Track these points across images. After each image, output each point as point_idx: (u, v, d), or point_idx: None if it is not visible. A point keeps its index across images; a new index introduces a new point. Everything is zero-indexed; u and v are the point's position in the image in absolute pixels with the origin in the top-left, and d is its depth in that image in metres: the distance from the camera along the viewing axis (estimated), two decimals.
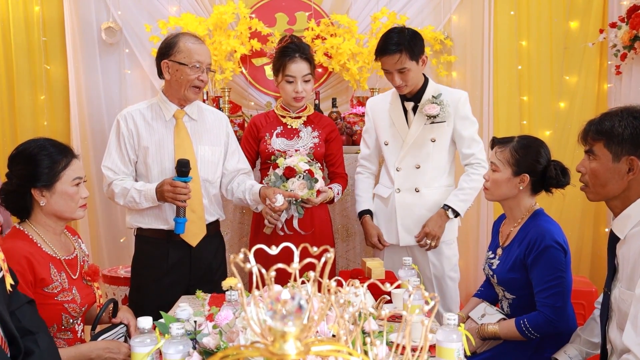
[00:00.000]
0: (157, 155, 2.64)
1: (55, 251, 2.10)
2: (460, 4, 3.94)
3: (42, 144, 2.12)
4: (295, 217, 2.87)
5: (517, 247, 2.30)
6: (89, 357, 2.00)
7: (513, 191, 2.33)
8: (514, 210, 2.38)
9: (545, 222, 2.29)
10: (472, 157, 2.90)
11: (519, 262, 2.27)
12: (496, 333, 2.30)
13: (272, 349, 0.67)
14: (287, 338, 0.67)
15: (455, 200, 2.88)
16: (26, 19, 3.88)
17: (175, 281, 2.65)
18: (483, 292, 2.60)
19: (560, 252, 2.20)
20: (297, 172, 2.79)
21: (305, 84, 2.90)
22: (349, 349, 0.74)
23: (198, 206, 2.66)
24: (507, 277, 2.32)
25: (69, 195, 2.11)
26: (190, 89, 2.63)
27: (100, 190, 3.61)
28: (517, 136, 2.39)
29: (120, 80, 3.96)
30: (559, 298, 2.19)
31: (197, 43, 2.63)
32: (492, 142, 2.44)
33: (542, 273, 2.20)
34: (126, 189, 2.60)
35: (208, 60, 2.64)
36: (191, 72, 2.60)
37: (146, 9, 3.89)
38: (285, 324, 0.67)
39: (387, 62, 2.80)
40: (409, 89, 2.87)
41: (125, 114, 2.71)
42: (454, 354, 1.52)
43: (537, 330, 2.21)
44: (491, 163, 2.38)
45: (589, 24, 3.94)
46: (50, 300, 2.00)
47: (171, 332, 1.49)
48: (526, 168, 2.30)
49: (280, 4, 3.94)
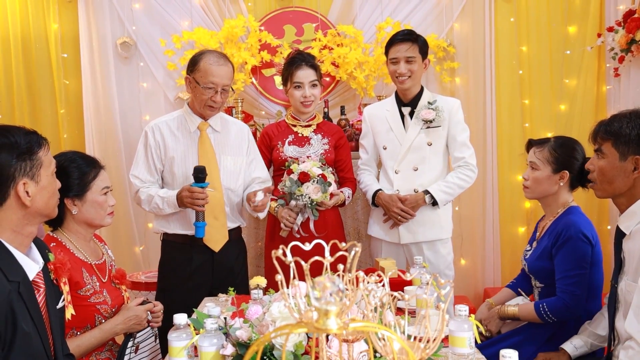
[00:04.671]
0: (182, 165, 2.79)
1: (86, 256, 2.23)
2: (461, 12, 4.05)
3: (72, 157, 2.26)
4: (312, 220, 3.00)
5: (548, 238, 2.44)
6: (114, 332, 2.15)
7: (553, 188, 2.47)
8: (551, 206, 2.52)
9: (576, 215, 2.42)
10: (462, 161, 3.08)
11: (547, 251, 2.41)
12: (515, 314, 2.45)
13: (317, 325, 0.81)
14: (329, 315, 0.80)
15: (437, 189, 3.04)
16: (46, 36, 4.03)
17: (199, 284, 2.78)
18: (515, 283, 2.75)
19: (586, 245, 2.32)
20: (311, 176, 2.92)
21: (312, 89, 3.06)
22: (381, 325, 0.86)
23: (220, 213, 2.79)
24: (536, 265, 2.46)
25: (99, 204, 2.25)
26: (205, 107, 2.77)
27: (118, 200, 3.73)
28: (553, 136, 2.55)
29: (135, 93, 4.08)
30: (579, 287, 2.31)
31: (216, 64, 2.73)
32: (528, 144, 2.58)
33: (565, 261, 2.33)
34: (151, 196, 2.75)
35: (224, 81, 2.74)
36: (204, 92, 2.73)
37: (159, 23, 4.02)
38: (328, 303, 0.80)
39: (398, 50, 3.00)
40: (410, 83, 3.03)
41: (152, 125, 2.85)
42: (466, 342, 1.65)
43: (555, 315, 2.34)
44: (530, 162, 2.52)
45: (587, 29, 4.05)
46: (84, 302, 2.12)
47: (205, 326, 1.62)
48: (564, 165, 2.44)
49: (288, 16, 4.07)
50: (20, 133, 1.65)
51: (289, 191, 2.92)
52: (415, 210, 3.04)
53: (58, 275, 1.78)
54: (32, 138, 1.66)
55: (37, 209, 1.66)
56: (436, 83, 4.09)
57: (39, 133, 1.71)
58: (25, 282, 1.60)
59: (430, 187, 3.03)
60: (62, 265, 1.79)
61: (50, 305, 1.73)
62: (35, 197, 1.64)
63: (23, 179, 1.62)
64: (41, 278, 1.71)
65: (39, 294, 1.68)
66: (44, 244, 1.86)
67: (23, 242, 1.67)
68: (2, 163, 1.59)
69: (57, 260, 1.79)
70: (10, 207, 1.62)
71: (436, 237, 3.09)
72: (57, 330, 1.73)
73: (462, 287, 4.09)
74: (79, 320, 2.09)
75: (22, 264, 1.62)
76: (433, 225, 3.09)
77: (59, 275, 1.78)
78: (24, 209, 1.63)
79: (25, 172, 1.62)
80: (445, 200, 3.06)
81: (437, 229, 3.09)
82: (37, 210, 1.67)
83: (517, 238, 4.15)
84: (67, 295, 1.84)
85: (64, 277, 1.81)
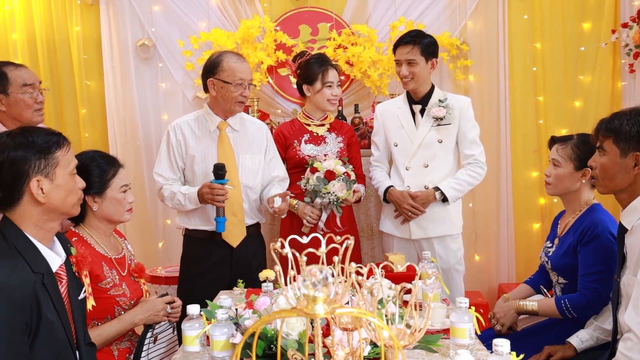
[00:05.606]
0: (203, 163, 2.90)
1: (106, 251, 2.33)
2: (475, 10, 4.08)
3: (92, 156, 2.37)
4: (337, 216, 3.09)
5: (572, 235, 2.46)
6: (133, 322, 2.25)
7: (575, 185, 2.50)
8: (573, 203, 2.54)
9: (601, 214, 2.44)
10: (472, 158, 3.13)
11: (572, 248, 2.43)
12: (534, 310, 2.47)
13: (307, 310, 0.88)
14: (317, 301, 0.88)
15: (447, 185, 3.09)
16: (69, 39, 4.16)
17: (218, 278, 2.88)
18: (532, 279, 2.77)
19: (612, 243, 2.32)
20: (337, 174, 3.01)
21: (338, 88, 3.20)
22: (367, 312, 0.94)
23: (239, 210, 2.90)
24: (560, 262, 2.49)
25: (118, 201, 2.35)
26: (236, 103, 2.88)
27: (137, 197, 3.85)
28: (576, 134, 2.56)
29: (155, 93, 4.19)
30: (602, 284, 2.32)
31: (239, 62, 2.87)
32: (550, 141, 2.61)
33: (589, 258, 2.36)
34: (173, 193, 2.88)
35: (249, 76, 2.89)
36: (235, 90, 2.84)
37: (177, 25, 4.12)
38: (316, 290, 0.87)
39: (400, 52, 3.07)
40: (413, 84, 3.09)
41: (174, 125, 2.98)
42: (466, 333, 1.71)
43: (576, 311, 2.36)
44: (553, 159, 2.54)
45: (601, 25, 4.05)
46: (104, 294, 2.22)
47: (217, 317, 1.71)
48: (587, 163, 2.44)
49: (303, 16, 4.14)
50: (42, 133, 1.75)
51: (314, 189, 3.01)
52: (425, 207, 3.09)
53: (79, 268, 1.89)
54: (52, 138, 1.76)
55: (54, 205, 1.76)
56: (450, 81, 4.13)
57: (62, 134, 1.81)
58: (48, 274, 1.71)
59: (440, 184, 3.09)
60: (83, 258, 1.90)
61: (72, 296, 1.83)
62: (50, 194, 1.74)
63: (37, 176, 1.72)
64: (63, 270, 1.82)
65: (61, 285, 1.79)
66: (67, 238, 1.96)
67: (46, 237, 1.77)
68: (17, 160, 1.69)
69: (79, 254, 1.90)
70: (27, 203, 1.72)
71: (446, 232, 3.15)
72: (79, 319, 1.83)
73: (476, 283, 4.13)
74: (100, 311, 2.20)
75: (45, 257, 1.73)
76: (443, 221, 3.14)
77: (81, 268, 1.89)
78: (40, 205, 1.73)
79: (40, 169, 1.72)
80: (455, 197, 3.11)
81: (447, 225, 3.15)
82: (53, 207, 1.76)
83: (532, 234, 4.18)
84: (88, 287, 1.95)
85: (85, 269, 1.92)
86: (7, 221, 1.73)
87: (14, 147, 1.70)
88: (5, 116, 2.73)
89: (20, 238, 1.71)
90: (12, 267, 1.62)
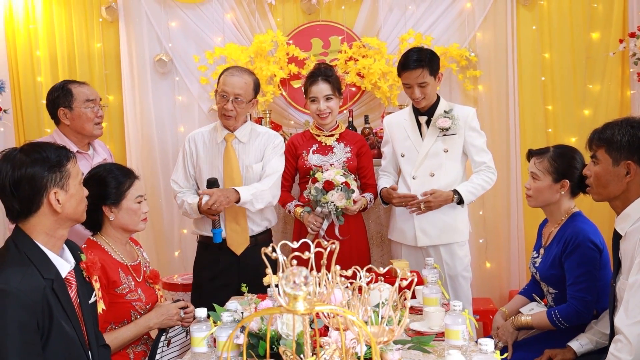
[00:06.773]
0: (208, 174, 3.03)
1: (122, 258, 2.44)
2: (484, 21, 4.14)
3: (109, 168, 2.50)
4: (337, 225, 3.17)
5: (556, 245, 2.52)
6: (148, 326, 2.36)
7: (555, 196, 2.55)
8: (554, 214, 2.60)
9: (582, 222, 2.50)
10: (484, 165, 3.20)
11: (557, 259, 2.49)
12: (528, 323, 2.53)
13: (288, 307, 0.98)
14: (298, 299, 0.97)
15: (464, 189, 3.16)
16: (89, 55, 4.33)
17: (226, 283, 2.99)
18: (527, 289, 2.82)
19: (594, 251, 2.40)
20: (335, 184, 3.10)
21: (327, 102, 3.24)
22: (345, 310, 1.03)
23: (242, 219, 3.02)
24: (548, 273, 2.55)
25: (133, 211, 2.46)
26: (221, 116, 3.02)
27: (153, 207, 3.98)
28: (552, 146, 2.62)
29: (171, 106, 4.33)
30: (589, 292, 2.39)
31: (230, 75, 2.98)
32: (528, 154, 2.67)
33: (575, 268, 2.41)
34: (183, 202, 3.05)
35: (235, 91, 2.95)
36: (219, 101, 2.99)
37: (194, 40, 4.27)
38: (296, 289, 0.97)
39: (410, 77, 3.11)
40: (425, 102, 3.17)
41: (190, 136, 3.16)
42: (460, 335, 1.79)
43: (567, 321, 2.42)
44: (531, 172, 2.60)
45: (610, 35, 4.09)
46: (120, 299, 2.34)
47: (222, 319, 1.81)
48: (564, 174, 2.52)
49: (315, 29, 4.25)
50: (51, 148, 1.89)
51: (314, 199, 3.11)
52: (439, 205, 3.13)
53: (90, 273, 2.01)
54: (61, 152, 1.90)
55: (68, 214, 1.90)
56: (459, 91, 4.20)
57: (67, 148, 1.95)
58: (58, 279, 1.84)
59: (458, 187, 3.16)
60: (92, 264, 2.02)
61: (82, 300, 1.95)
62: (65, 204, 1.88)
63: (54, 188, 1.85)
64: (73, 276, 1.94)
65: (71, 290, 1.91)
66: (76, 245, 2.09)
67: (56, 244, 1.90)
68: (36, 175, 1.82)
69: (89, 260, 2.02)
70: (44, 214, 1.85)
71: (453, 240, 3.21)
72: (89, 322, 1.95)
73: (487, 290, 4.18)
74: (116, 315, 2.32)
75: (55, 263, 1.86)
76: (449, 229, 3.21)
77: (91, 273, 2.01)
78: (56, 214, 1.87)
79: (56, 182, 1.85)
80: (469, 200, 3.19)
81: (453, 232, 3.21)
82: (67, 215, 1.90)
83: None
84: (98, 292, 2.07)
85: (95, 274, 2.04)
86: (19, 231, 1.87)
87: (31, 164, 1.83)
88: (68, 129, 2.94)
89: (31, 246, 1.84)
90: (23, 274, 1.75)
